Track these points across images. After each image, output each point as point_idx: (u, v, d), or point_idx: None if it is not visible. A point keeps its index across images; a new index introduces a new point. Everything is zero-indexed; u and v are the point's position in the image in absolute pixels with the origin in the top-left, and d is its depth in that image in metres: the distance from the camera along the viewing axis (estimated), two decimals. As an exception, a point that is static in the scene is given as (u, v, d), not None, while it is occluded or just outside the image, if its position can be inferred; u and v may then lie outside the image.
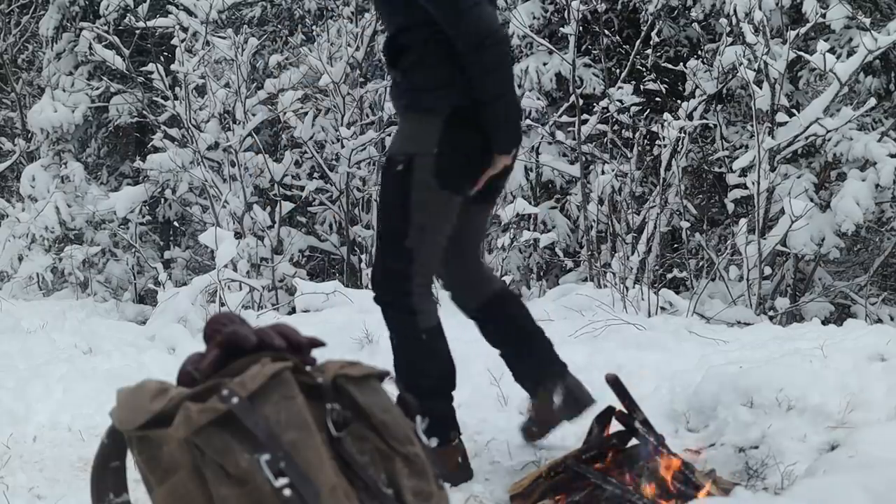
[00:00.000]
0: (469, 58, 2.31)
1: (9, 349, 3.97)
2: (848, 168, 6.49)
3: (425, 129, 2.40)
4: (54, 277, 8.09)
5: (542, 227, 7.63)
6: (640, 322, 4.34)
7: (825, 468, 2.14)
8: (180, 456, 1.13)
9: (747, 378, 2.67)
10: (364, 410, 1.22)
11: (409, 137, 2.45)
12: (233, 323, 1.25)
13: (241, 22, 10.28)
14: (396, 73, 2.47)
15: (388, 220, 2.46)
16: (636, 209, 6.70)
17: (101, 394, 3.15)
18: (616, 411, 2.22)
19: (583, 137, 6.94)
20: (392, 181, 2.44)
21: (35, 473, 2.55)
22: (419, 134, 2.41)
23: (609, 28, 8.15)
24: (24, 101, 10.48)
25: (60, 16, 10.08)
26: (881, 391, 2.63)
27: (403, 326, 2.47)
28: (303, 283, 5.44)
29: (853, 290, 6.92)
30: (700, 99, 6.86)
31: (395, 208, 2.42)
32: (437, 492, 1.23)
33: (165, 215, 9.82)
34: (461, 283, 2.71)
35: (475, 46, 2.30)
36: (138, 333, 4.75)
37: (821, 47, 5.63)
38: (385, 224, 2.48)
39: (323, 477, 1.12)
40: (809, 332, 3.85)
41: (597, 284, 5.97)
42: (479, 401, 3.18)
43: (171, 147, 7.33)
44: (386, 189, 2.47)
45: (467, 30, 2.29)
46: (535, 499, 2.18)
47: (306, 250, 8.10)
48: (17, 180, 9.49)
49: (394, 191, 2.44)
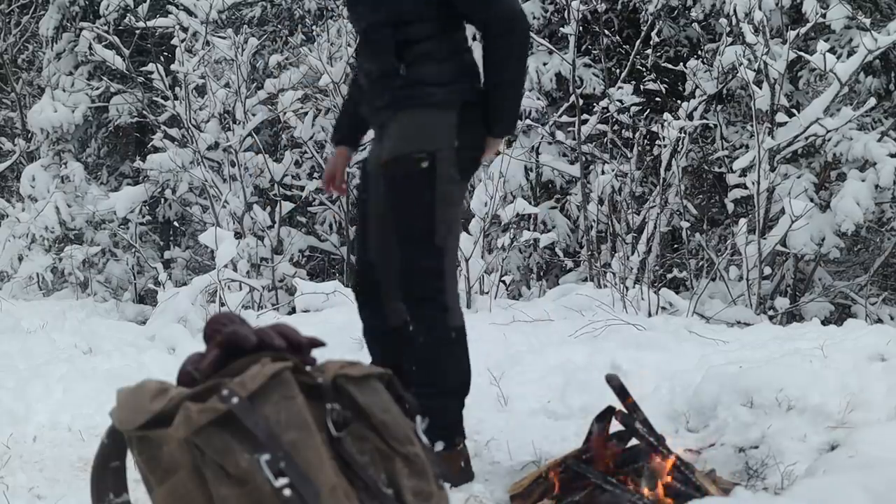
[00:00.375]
0: (498, 41, 2.36)
1: (9, 349, 3.96)
2: (848, 168, 6.49)
3: (441, 123, 2.41)
4: (54, 277, 8.09)
5: (542, 227, 7.63)
6: (640, 322, 4.35)
7: (825, 468, 2.14)
8: (180, 456, 1.14)
9: (747, 378, 2.67)
10: (364, 410, 1.22)
11: (425, 133, 2.41)
12: (233, 323, 1.25)
13: (241, 22, 10.27)
14: (397, 65, 2.40)
15: (414, 220, 2.42)
16: (636, 209, 6.70)
17: (101, 394, 3.15)
18: (616, 411, 2.21)
19: (583, 137, 6.94)
20: (413, 180, 2.39)
21: (35, 473, 2.55)
22: (436, 129, 2.41)
23: (609, 28, 8.15)
24: (24, 101, 10.48)
25: (60, 16, 10.07)
26: (881, 391, 2.63)
27: (434, 324, 2.45)
28: (303, 283, 5.44)
29: (853, 290, 6.92)
30: (700, 99, 6.86)
31: (420, 206, 2.40)
32: (437, 492, 1.23)
33: (165, 215, 9.81)
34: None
35: (507, 29, 2.36)
36: (138, 333, 4.75)
37: (821, 47, 5.63)
38: (409, 224, 2.42)
39: (323, 477, 1.12)
40: (809, 332, 3.86)
41: (597, 284, 5.97)
42: (478, 401, 3.17)
43: (171, 147, 7.32)
44: (405, 189, 2.41)
45: (500, 12, 2.35)
46: (535, 499, 2.18)
47: (306, 250, 8.10)
48: (17, 180, 9.49)
49: (417, 189, 2.39)
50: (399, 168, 2.41)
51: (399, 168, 2.41)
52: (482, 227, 5.54)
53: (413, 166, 2.38)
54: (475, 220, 5.53)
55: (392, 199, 2.44)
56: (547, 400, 3.15)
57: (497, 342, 3.94)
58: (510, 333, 4.11)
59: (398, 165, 2.41)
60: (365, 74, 2.52)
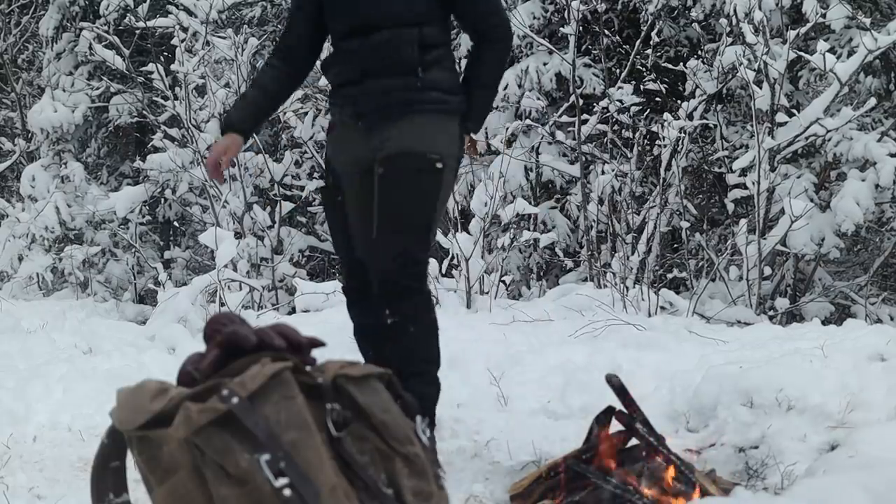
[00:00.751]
0: (498, 45, 2.57)
1: (9, 349, 3.96)
2: (848, 168, 6.48)
3: (450, 131, 2.52)
4: (54, 277, 8.09)
5: (542, 227, 7.63)
6: (640, 322, 4.35)
7: (825, 468, 2.14)
8: (180, 456, 1.14)
9: (747, 378, 2.67)
10: (364, 410, 1.22)
11: (439, 139, 2.49)
12: (233, 323, 1.25)
13: (241, 22, 10.26)
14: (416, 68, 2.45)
15: (421, 215, 2.48)
16: (636, 209, 6.71)
17: (101, 394, 3.15)
18: (616, 411, 2.21)
19: (583, 137, 6.94)
20: (423, 176, 2.46)
21: (35, 473, 2.55)
22: (446, 136, 2.51)
23: (609, 28, 8.15)
24: (24, 101, 10.48)
25: (60, 16, 10.07)
26: (881, 391, 2.63)
27: (422, 312, 2.52)
28: (303, 283, 5.44)
29: (853, 290, 6.92)
30: (700, 99, 6.85)
31: (425, 201, 2.48)
32: (437, 492, 1.23)
33: (165, 215, 9.81)
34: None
35: (507, 36, 2.60)
36: (138, 333, 4.75)
37: (821, 47, 5.63)
38: (411, 215, 2.47)
39: (323, 477, 1.12)
40: (809, 332, 3.86)
41: (597, 284, 5.97)
42: (478, 401, 3.18)
43: (171, 147, 7.33)
44: (414, 182, 2.46)
45: (506, 20, 2.59)
46: (535, 499, 2.18)
47: (306, 250, 8.10)
48: (17, 180, 9.49)
49: (425, 185, 2.47)
50: (410, 162, 2.45)
51: (410, 162, 2.45)
52: (482, 227, 5.54)
53: (426, 164, 2.45)
54: (475, 220, 5.53)
55: (394, 190, 2.47)
56: (547, 400, 3.14)
57: (497, 342, 3.94)
58: (510, 333, 4.11)
59: (409, 160, 2.46)
60: (360, 72, 2.51)
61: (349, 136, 2.57)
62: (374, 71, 2.48)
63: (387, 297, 2.49)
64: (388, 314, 2.49)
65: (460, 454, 2.62)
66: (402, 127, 2.47)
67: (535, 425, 2.89)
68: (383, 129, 2.49)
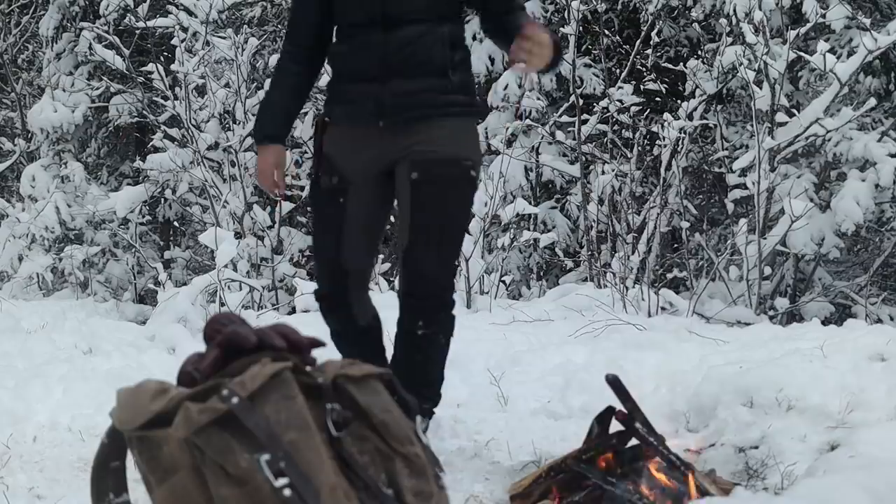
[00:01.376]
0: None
1: (9, 349, 3.96)
2: (848, 168, 6.48)
3: (476, 136, 2.49)
4: (54, 277, 8.08)
5: (542, 227, 7.63)
6: (641, 322, 4.35)
7: (825, 468, 2.14)
8: (180, 456, 1.14)
9: (747, 378, 2.67)
10: (364, 410, 1.22)
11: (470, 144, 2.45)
12: (233, 323, 1.25)
13: (241, 22, 10.26)
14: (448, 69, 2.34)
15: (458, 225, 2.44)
16: (636, 209, 6.71)
17: (101, 394, 3.14)
18: (616, 411, 2.21)
19: (583, 137, 6.94)
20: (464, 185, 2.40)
21: (35, 473, 2.54)
22: (476, 141, 2.48)
23: (609, 28, 8.15)
24: (24, 101, 10.46)
25: (60, 16, 10.06)
26: (881, 391, 2.63)
27: (452, 324, 2.49)
28: (303, 283, 5.43)
29: (853, 290, 6.92)
30: (700, 99, 6.86)
31: (464, 210, 2.45)
32: (437, 492, 1.23)
33: (165, 215, 9.81)
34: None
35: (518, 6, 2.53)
36: (138, 333, 4.74)
37: (821, 47, 5.62)
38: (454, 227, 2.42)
39: (323, 477, 1.12)
40: (809, 332, 3.85)
41: (597, 284, 5.97)
42: (478, 401, 3.18)
43: (171, 147, 7.32)
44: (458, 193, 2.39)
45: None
46: (535, 499, 2.17)
47: (306, 250, 8.09)
48: (17, 180, 9.48)
49: (466, 196, 2.43)
50: (448, 170, 2.36)
51: (448, 170, 2.36)
52: (482, 227, 5.54)
53: (464, 172, 2.38)
54: (475, 220, 5.53)
55: (433, 199, 2.36)
56: (547, 400, 3.14)
57: (497, 342, 3.94)
58: (510, 333, 4.11)
59: (448, 167, 2.36)
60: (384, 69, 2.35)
61: (364, 135, 2.40)
62: (402, 69, 2.34)
63: (422, 308, 2.41)
64: (421, 325, 2.40)
65: (460, 454, 2.62)
66: (432, 131, 2.35)
67: (535, 425, 2.89)
68: (410, 131, 2.36)
